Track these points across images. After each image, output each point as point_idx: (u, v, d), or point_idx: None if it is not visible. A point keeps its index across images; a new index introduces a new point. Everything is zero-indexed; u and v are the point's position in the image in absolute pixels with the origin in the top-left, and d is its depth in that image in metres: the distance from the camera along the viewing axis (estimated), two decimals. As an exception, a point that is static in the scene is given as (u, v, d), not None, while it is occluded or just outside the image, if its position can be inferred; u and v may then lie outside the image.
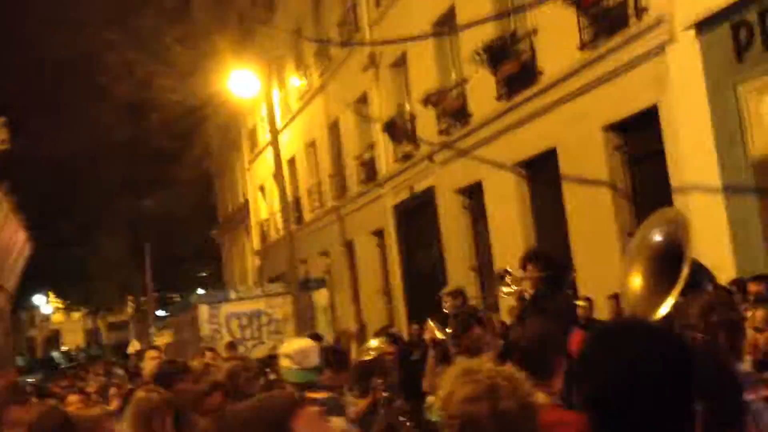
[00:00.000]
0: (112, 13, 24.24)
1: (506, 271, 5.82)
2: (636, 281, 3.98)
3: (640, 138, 9.50)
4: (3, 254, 24.50)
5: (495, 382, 2.07)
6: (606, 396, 1.63)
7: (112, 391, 9.18)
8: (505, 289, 5.74)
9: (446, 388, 2.12)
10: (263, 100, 19.08)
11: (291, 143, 22.62)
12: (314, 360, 4.00)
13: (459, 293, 8.03)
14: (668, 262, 3.79)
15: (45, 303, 50.26)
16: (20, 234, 26.05)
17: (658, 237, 3.95)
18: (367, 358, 5.99)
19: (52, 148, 30.57)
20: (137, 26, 22.80)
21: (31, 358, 43.04)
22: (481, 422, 2.02)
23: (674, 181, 8.58)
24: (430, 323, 6.46)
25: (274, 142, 17.01)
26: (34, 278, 33.24)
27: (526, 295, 5.50)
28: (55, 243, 33.33)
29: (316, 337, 7.52)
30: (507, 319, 8.56)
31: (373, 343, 6.40)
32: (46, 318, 53.33)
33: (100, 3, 25.14)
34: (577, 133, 10.08)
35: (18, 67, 29.95)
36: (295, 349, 4.00)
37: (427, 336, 6.47)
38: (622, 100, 9.34)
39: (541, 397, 2.95)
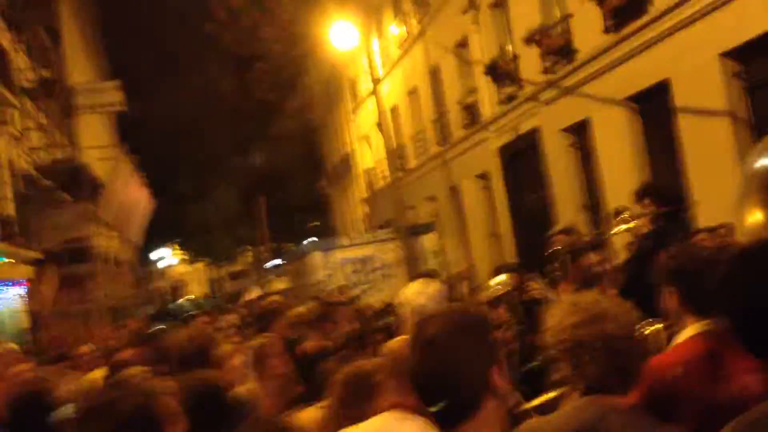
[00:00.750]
0: None
1: (623, 208, 5.75)
2: (752, 215, 3.79)
3: (760, 64, 9.01)
4: (129, 211, 26.00)
5: (601, 308, 2.18)
6: (753, 314, 1.66)
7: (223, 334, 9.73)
8: (622, 226, 5.66)
9: (554, 318, 2.24)
10: (364, 51, 19.20)
11: (393, 92, 22.67)
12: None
13: (570, 230, 7.96)
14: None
15: (169, 255, 53.08)
16: (143, 191, 27.54)
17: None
18: (495, 293, 6.01)
19: (165, 107, 31.91)
20: None
21: (160, 307, 45.72)
22: (588, 344, 2.12)
23: (799, 108, 8.14)
24: (534, 284, 6.39)
25: (376, 92, 17.12)
26: (157, 232, 35.17)
27: (643, 231, 5.43)
28: (174, 199, 35.02)
29: (431, 274, 7.71)
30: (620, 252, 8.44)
31: (500, 278, 6.38)
32: (171, 269, 56.31)
33: None
34: (692, 63, 9.66)
35: (130, 30, 31.18)
36: (432, 290, 4.11)
37: (536, 294, 6.40)
38: (739, 24, 8.85)
39: (695, 328, 2.86)
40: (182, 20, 29.29)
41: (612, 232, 5.79)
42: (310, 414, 3.50)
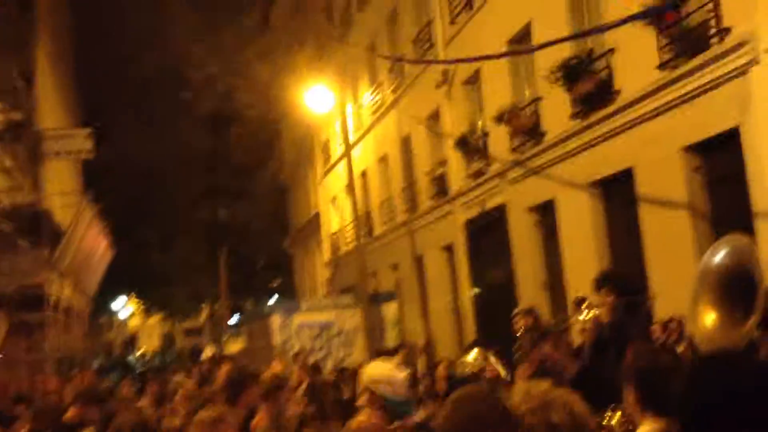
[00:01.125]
0: (196, 30, 25.10)
1: (583, 299, 5.83)
2: (706, 315, 3.84)
3: (720, 160, 9.29)
4: (86, 260, 25.52)
5: (549, 398, 2.30)
6: (707, 420, 1.75)
7: (178, 396, 9.46)
8: (581, 316, 5.73)
9: (508, 403, 2.34)
10: (337, 115, 19.44)
11: (363, 157, 22.89)
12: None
13: (531, 312, 8.04)
14: (738, 292, 3.67)
15: (123, 307, 51.93)
16: (103, 240, 27.10)
17: (724, 265, 3.80)
18: (466, 371, 5.95)
19: (135, 157, 31.78)
20: (219, 43, 23.59)
21: (108, 360, 44.50)
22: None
23: (757, 205, 8.37)
24: (491, 358, 6.39)
25: (347, 156, 17.29)
26: (113, 282, 34.48)
27: (602, 321, 5.51)
28: (135, 248, 34.50)
29: (391, 352, 7.66)
30: (578, 338, 8.47)
31: (473, 355, 6.34)
32: (124, 322, 55.06)
33: (185, 20, 26.06)
34: (655, 154, 9.93)
35: (105, 79, 31.29)
36: (398, 379, 4.03)
37: (487, 371, 6.39)
38: (703, 121, 9.17)
39: (651, 429, 2.86)
40: (159, 82, 29.53)
41: (572, 321, 5.85)
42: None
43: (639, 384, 2.97)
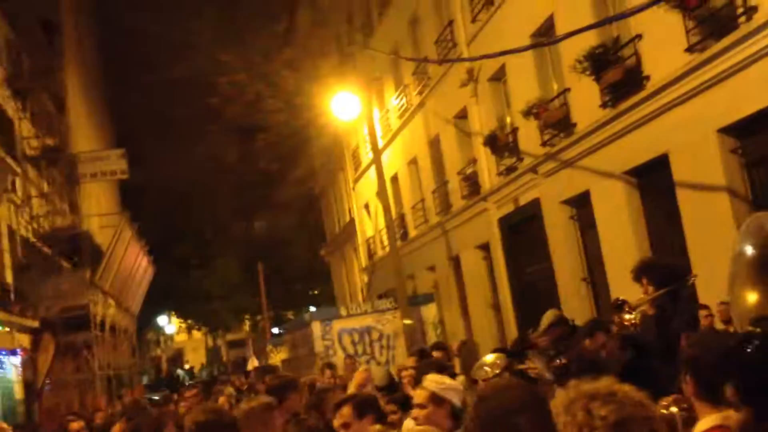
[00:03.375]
0: (224, 37, 25.34)
1: (622, 301, 5.72)
2: (747, 295, 3.74)
3: (757, 140, 9.10)
4: (129, 279, 25.91)
5: (593, 389, 2.16)
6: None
7: (222, 399, 9.59)
8: (626, 316, 5.62)
9: (562, 397, 2.21)
10: (365, 120, 19.45)
11: (393, 161, 22.89)
12: None
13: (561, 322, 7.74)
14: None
15: (168, 323, 52.56)
16: (143, 259, 27.49)
17: (753, 247, 3.70)
18: (485, 376, 5.85)
19: (168, 175, 32.22)
20: (247, 50, 23.82)
21: (157, 376, 45.09)
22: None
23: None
24: (534, 357, 6.27)
25: (377, 161, 17.31)
26: (157, 300, 34.96)
27: (648, 314, 5.40)
28: (175, 266, 34.92)
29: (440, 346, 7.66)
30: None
31: (490, 358, 6.23)
32: (170, 338, 55.76)
33: (214, 28, 26.31)
34: (690, 138, 9.76)
35: (135, 96, 31.79)
36: (461, 389, 4.02)
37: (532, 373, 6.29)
38: (736, 101, 8.98)
39: (711, 419, 2.79)
40: (187, 93, 29.90)
41: (616, 321, 5.72)
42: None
43: (694, 374, 2.89)
